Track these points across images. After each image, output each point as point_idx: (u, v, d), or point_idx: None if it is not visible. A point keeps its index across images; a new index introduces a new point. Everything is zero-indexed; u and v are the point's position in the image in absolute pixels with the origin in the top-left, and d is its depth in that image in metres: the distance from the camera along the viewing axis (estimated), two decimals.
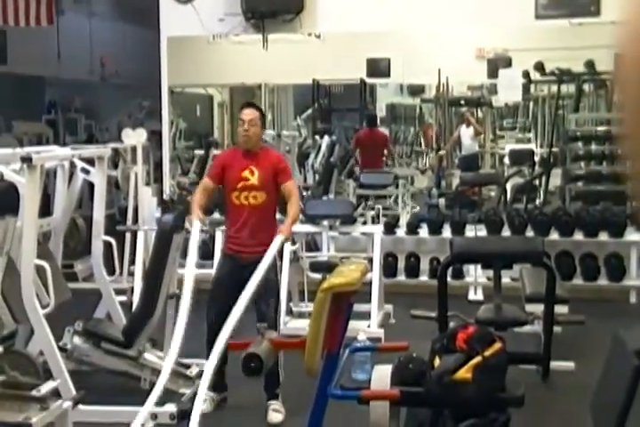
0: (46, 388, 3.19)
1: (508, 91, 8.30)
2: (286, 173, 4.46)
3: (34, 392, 3.12)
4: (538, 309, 4.92)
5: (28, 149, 5.36)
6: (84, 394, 3.58)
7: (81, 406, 3.52)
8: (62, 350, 4.33)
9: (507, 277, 5.69)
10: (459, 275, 6.94)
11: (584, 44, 6.56)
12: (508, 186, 8.29)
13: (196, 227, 4.22)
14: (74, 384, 3.96)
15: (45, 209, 5.52)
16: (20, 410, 3.04)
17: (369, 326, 5.58)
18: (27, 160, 3.98)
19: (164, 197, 7.77)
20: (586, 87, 8.53)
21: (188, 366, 4.63)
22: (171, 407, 4.09)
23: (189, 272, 4.01)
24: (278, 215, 4.70)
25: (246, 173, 4.34)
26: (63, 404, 3.14)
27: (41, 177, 4.54)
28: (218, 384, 4.36)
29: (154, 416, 4.00)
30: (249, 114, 4.41)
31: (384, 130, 9.81)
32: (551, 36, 7.99)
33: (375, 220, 7.22)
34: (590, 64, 7.85)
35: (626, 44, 0.84)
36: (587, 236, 7.08)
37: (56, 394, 3.34)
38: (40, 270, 4.24)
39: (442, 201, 8.12)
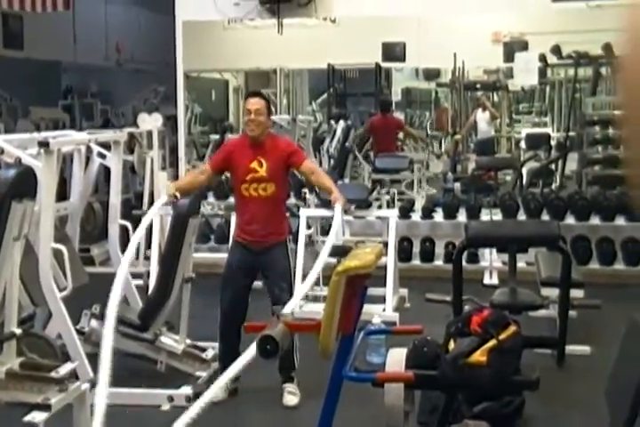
0: (64, 370, 3.23)
1: (525, 75, 8.25)
2: (299, 154, 4.39)
3: (52, 374, 3.15)
4: (553, 293, 4.92)
5: (44, 133, 5.41)
6: None
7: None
8: (80, 333, 4.37)
9: (522, 261, 5.68)
10: (474, 259, 6.94)
11: (602, 26, 6.47)
12: (524, 170, 8.25)
13: (160, 200, 4.17)
14: (91, 367, 4.00)
15: (62, 193, 5.56)
16: (39, 391, 3.07)
17: (384, 310, 5.59)
18: (44, 145, 4.02)
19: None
20: (603, 71, 8.45)
21: (203, 350, 4.67)
22: (187, 390, 4.13)
23: (127, 256, 3.85)
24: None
25: (254, 165, 4.26)
26: (81, 386, 3.18)
27: (58, 161, 4.57)
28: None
29: (170, 398, 4.05)
30: (255, 103, 4.29)
31: (399, 115, 9.78)
32: (568, 19, 7.91)
33: (390, 204, 7.21)
34: (608, 47, 7.78)
35: (630, 27, 0.85)
36: (603, 220, 7.05)
37: (74, 376, 3.38)
38: (57, 254, 4.28)
39: (457, 185, 8.11)
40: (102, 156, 5.44)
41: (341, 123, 8.52)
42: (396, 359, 3.11)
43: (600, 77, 8.50)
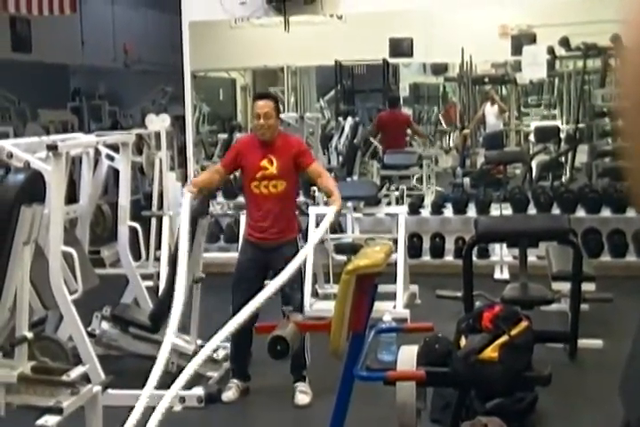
0: (76, 373, 3.23)
1: (533, 68, 8.21)
2: (308, 154, 4.42)
3: (64, 377, 3.16)
4: (564, 287, 4.90)
5: (53, 137, 5.42)
6: (112, 378, 3.63)
7: (110, 391, 3.57)
8: (91, 335, 4.38)
9: (532, 255, 5.66)
10: (484, 254, 6.91)
11: (610, 17, 6.43)
12: (534, 163, 8.21)
13: (186, 199, 4.15)
14: (102, 369, 4.01)
15: (71, 196, 5.58)
16: (51, 395, 3.08)
17: (394, 307, 5.58)
18: (52, 148, 4.02)
19: (189, 181, 7.79)
20: (612, 62, 8.40)
21: (214, 350, 4.66)
22: (198, 391, 4.12)
23: (182, 249, 3.86)
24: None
25: (265, 163, 4.28)
26: (93, 388, 3.18)
27: (66, 164, 4.58)
28: (242, 373, 4.39)
29: (182, 400, 4.04)
30: (264, 106, 4.28)
31: (407, 110, 9.75)
32: (576, 11, 7.87)
33: (399, 200, 7.19)
34: (617, 38, 7.72)
35: (630, 16, 0.84)
36: (614, 212, 7.01)
37: (85, 379, 3.39)
38: (67, 257, 4.29)
39: (466, 180, 8.07)
40: (111, 158, 5.44)
41: (349, 119, 8.51)
42: (408, 357, 3.10)
43: (609, 69, 8.44)
